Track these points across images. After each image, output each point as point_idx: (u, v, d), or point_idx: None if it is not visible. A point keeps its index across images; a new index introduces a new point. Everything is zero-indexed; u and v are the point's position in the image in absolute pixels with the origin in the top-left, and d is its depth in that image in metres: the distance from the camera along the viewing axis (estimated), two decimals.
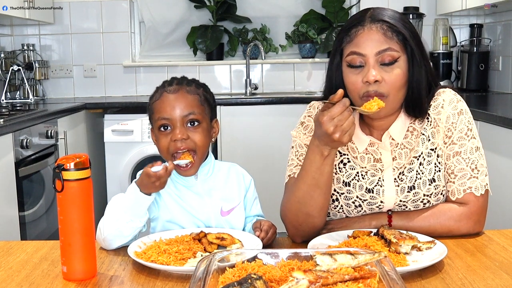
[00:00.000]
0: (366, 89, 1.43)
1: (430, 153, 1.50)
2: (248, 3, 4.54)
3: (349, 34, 1.45)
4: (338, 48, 1.48)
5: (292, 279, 0.97)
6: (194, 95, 1.53)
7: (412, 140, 1.52)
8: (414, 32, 1.47)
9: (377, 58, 1.42)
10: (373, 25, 1.43)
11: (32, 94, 4.22)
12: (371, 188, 1.52)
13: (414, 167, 1.50)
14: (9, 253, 1.40)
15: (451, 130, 1.49)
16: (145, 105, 1.60)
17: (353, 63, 1.44)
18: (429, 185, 1.49)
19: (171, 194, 1.55)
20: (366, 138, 1.53)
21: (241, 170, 1.65)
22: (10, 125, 2.77)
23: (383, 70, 1.42)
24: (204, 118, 1.54)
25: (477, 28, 4.23)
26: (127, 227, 1.41)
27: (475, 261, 1.29)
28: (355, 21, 1.46)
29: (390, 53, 1.42)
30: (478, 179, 1.47)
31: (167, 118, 1.50)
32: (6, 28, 4.43)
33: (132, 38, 4.54)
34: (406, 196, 1.50)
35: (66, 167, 1.19)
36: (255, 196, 1.65)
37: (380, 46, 1.42)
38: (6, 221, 2.73)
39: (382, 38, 1.42)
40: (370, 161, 1.53)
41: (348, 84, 1.46)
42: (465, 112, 1.51)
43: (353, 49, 1.44)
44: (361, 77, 1.43)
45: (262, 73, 4.55)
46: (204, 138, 1.52)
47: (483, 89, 4.15)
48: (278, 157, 3.73)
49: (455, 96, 1.53)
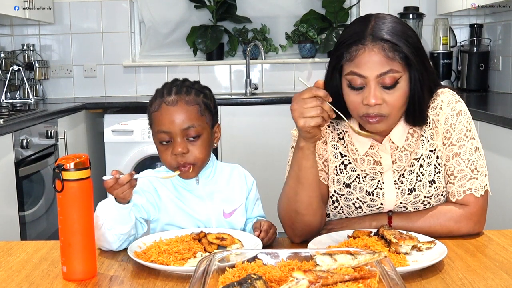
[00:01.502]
0: (366, 111, 1.40)
1: (429, 154, 1.50)
2: (248, 3, 4.54)
3: (349, 51, 1.39)
4: (337, 64, 1.43)
5: (292, 279, 0.97)
6: (194, 106, 1.49)
7: (413, 142, 1.51)
8: (416, 45, 1.42)
9: (378, 80, 1.38)
10: (374, 46, 1.37)
11: (32, 94, 4.22)
12: (371, 191, 1.51)
13: (415, 169, 1.50)
14: (9, 253, 1.40)
15: (450, 131, 1.48)
16: (145, 105, 1.59)
17: (354, 84, 1.40)
18: (429, 186, 1.49)
19: (172, 197, 1.54)
20: (367, 141, 1.51)
21: (243, 171, 1.64)
22: (10, 125, 2.77)
23: (384, 92, 1.38)
24: (205, 128, 1.50)
25: (477, 28, 4.23)
26: (109, 234, 1.38)
27: (475, 261, 1.29)
28: (355, 37, 1.40)
29: (391, 75, 1.37)
30: (478, 180, 1.47)
31: (166, 131, 1.47)
32: (6, 28, 4.43)
33: (132, 38, 4.54)
34: (406, 198, 1.50)
35: (66, 167, 1.19)
36: (257, 197, 1.65)
37: (381, 69, 1.37)
38: (6, 221, 2.73)
39: (383, 60, 1.37)
40: (370, 163, 1.52)
41: (349, 103, 1.43)
42: (463, 113, 1.49)
43: (354, 70, 1.39)
44: (361, 98, 1.39)
45: (262, 73, 4.55)
46: (205, 150, 1.50)
47: (483, 89, 4.15)
48: (278, 157, 3.73)
49: (454, 96, 1.50)
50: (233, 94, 4.45)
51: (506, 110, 3.19)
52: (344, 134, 1.55)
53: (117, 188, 1.35)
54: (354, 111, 1.43)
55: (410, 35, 1.42)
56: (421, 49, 1.43)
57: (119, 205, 1.38)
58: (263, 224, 1.47)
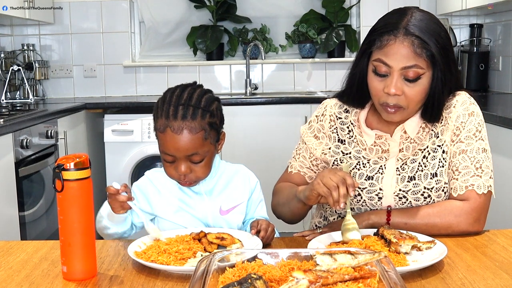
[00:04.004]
0: (385, 100, 1.47)
1: (436, 148, 1.53)
2: (248, 3, 4.54)
3: (381, 39, 1.46)
4: (367, 50, 1.50)
5: (292, 279, 0.97)
6: (199, 133, 1.47)
7: (423, 136, 1.55)
8: (445, 46, 1.47)
9: (402, 72, 1.44)
10: (405, 39, 1.43)
11: (32, 94, 4.22)
12: (371, 175, 1.55)
13: (417, 158, 1.53)
14: (9, 253, 1.40)
15: (460, 128, 1.52)
16: (145, 105, 1.61)
17: (379, 71, 1.47)
18: (430, 178, 1.51)
19: (171, 192, 1.56)
20: (371, 133, 1.57)
21: (247, 171, 1.65)
22: (10, 125, 2.77)
23: (405, 84, 1.45)
24: (209, 150, 1.51)
25: (477, 28, 4.23)
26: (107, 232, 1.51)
27: (475, 261, 1.29)
28: (389, 27, 1.46)
29: (415, 69, 1.44)
30: (482, 178, 1.48)
31: (171, 155, 1.49)
32: (6, 28, 4.43)
33: (132, 38, 4.54)
34: (405, 185, 1.52)
35: (66, 167, 1.19)
36: (261, 199, 1.65)
37: (407, 62, 1.43)
38: (6, 221, 2.73)
39: (411, 54, 1.43)
40: (378, 152, 1.57)
41: (371, 88, 1.51)
42: (476, 115, 1.53)
43: (381, 57, 1.46)
44: (383, 85, 1.47)
45: (262, 73, 4.55)
46: (208, 168, 1.53)
47: (483, 89, 4.15)
48: (278, 157, 3.72)
49: (469, 99, 1.56)
50: (233, 94, 4.45)
51: (506, 110, 3.19)
52: (353, 127, 1.61)
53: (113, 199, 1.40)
54: (375, 97, 1.51)
55: (442, 36, 1.47)
56: (449, 51, 1.48)
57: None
58: (261, 223, 1.47)
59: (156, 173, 1.60)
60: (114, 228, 1.50)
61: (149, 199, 1.57)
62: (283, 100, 3.94)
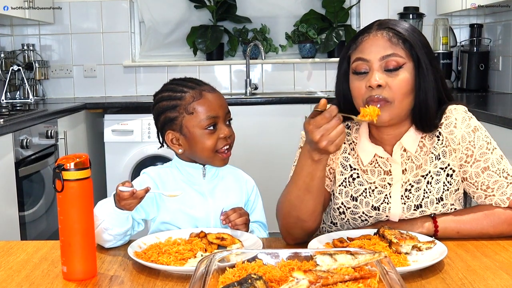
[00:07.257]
0: (369, 94, 1.41)
1: (439, 172, 1.48)
2: (248, 3, 4.54)
3: (356, 41, 1.46)
4: (345, 55, 1.49)
5: (292, 279, 0.97)
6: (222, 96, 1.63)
7: (421, 156, 1.49)
8: (424, 42, 1.47)
9: (381, 64, 1.41)
10: (378, 32, 1.44)
11: (32, 94, 4.22)
12: (377, 205, 1.50)
13: (422, 186, 1.49)
14: (9, 253, 1.40)
15: (470, 148, 1.46)
16: (145, 105, 1.61)
17: (358, 70, 1.44)
18: (436, 203, 1.48)
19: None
20: (371, 150, 1.50)
21: (244, 175, 1.66)
22: (10, 125, 2.77)
23: (387, 76, 1.41)
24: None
25: (477, 28, 4.23)
26: (106, 234, 1.40)
27: (475, 261, 1.29)
28: (364, 30, 1.48)
29: (394, 58, 1.41)
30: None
31: (215, 116, 1.55)
32: (6, 28, 4.43)
33: (132, 38, 4.54)
34: (412, 214, 1.49)
35: (66, 167, 1.19)
36: (258, 202, 1.65)
37: (384, 52, 1.41)
38: (6, 221, 2.73)
39: (387, 44, 1.42)
40: (381, 173, 1.51)
41: (353, 90, 1.45)
42: (479, 128, 1.48)
43: (358, 55, 1.44)
44: (365, 83, 1.42)
45: (262, 73, 4.55)
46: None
47: (483, 89, 4.15)
48: (278, 157, 3.73)
49: (466, 114, 1.50)
50: (233, 94, 4.45)
51: (506, 110, 3.19)
52: (354, 145, 1.54)
53: (128, 200, 1.37)
54: (358, 98, 1.44)
55: (419, 33, 1.48)
56: (426, 45, 1.47)
57: (119, 210, 1.39)
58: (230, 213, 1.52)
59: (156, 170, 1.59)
60: (116, 228, 1.41)
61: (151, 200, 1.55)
62: (283, 100, 3.94)
